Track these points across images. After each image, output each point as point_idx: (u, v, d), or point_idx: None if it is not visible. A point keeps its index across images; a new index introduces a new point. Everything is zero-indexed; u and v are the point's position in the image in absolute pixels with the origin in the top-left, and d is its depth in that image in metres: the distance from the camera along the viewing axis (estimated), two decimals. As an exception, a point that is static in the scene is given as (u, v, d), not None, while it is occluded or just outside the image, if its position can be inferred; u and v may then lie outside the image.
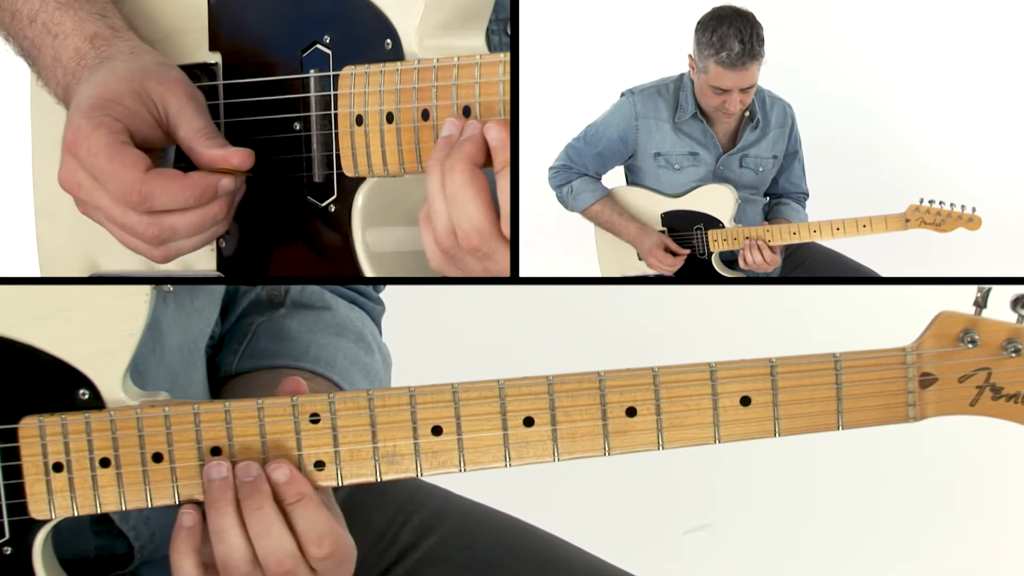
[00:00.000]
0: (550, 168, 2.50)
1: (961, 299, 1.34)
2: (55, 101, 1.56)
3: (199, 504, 1.34)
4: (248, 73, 1.53)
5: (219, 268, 1.59)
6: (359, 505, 1.75)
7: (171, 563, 1.35)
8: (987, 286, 1.32)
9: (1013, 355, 1.30)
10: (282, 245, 1.55)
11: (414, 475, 1.34)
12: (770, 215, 2.54)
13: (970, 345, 1.31)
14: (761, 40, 2.31)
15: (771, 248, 2.38)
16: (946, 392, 1.33)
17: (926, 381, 1.32)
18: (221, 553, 1.32)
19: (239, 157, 1.46)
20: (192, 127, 1.46)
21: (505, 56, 1.37)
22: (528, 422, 1.33)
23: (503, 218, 1.33)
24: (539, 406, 1.33)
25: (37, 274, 1.74)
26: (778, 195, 2.58)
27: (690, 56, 2.38)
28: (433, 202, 1.35)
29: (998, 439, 3.32)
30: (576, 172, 2.49)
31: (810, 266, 2.57)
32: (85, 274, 1.68)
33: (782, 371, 1.33)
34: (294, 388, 1.38)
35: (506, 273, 1.36)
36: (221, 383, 1.69)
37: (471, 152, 1.33)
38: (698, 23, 2.36)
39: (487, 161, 1.34)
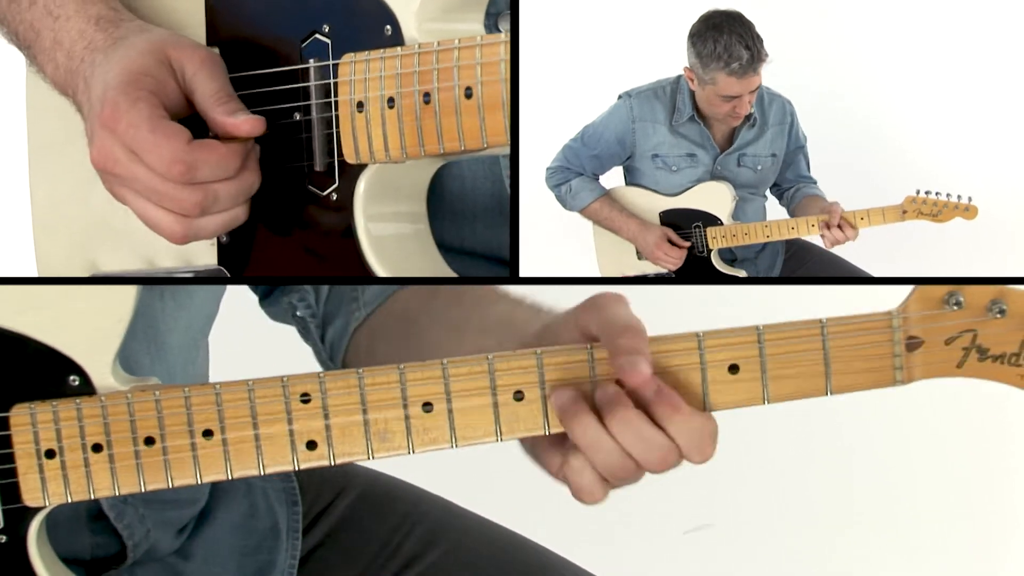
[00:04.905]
0: (547, 168, 2.50)
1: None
2: (50, 88, 1.56)
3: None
4: (248, 65, 1.54)
5: (220, 261, 1.59)
6: (361, 514, 1.75)
7: (571, 470, 1.33)
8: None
9: (998, 316, 1.30)
10: (284, 234, 1.55)
11: (406, 452, 1.34)
12: (795, 198, 2.53)
13: (955, 307, 1.30)
14: (761, 40, 2.30)
15: (851, 224, 2.35)
16: (933, 355, 1.32)
17: (912, 344, 1.31)
18: (602, 464, 1.31)
19: (249, 125, 1.46)
20: (205, 91, 1.47)
21: (506, 36, 1.38)
22: (518, 396, 1.33)
23: None
24: (529, 380, 1.33)
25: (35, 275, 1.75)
26: (789, 185, 2.57)
27: (687, 69, 2.38)
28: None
29: (1003, 440, 3.32)
30: (574, 172, 2.49)
31: (810, 268, 2.57)
32: (84, 276, 1.69)
33: (769, 338, 1.32)
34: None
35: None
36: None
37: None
38: (693, 35, 2.34)
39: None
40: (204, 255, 1.60)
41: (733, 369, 1.33)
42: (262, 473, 1.35)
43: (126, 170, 1.44)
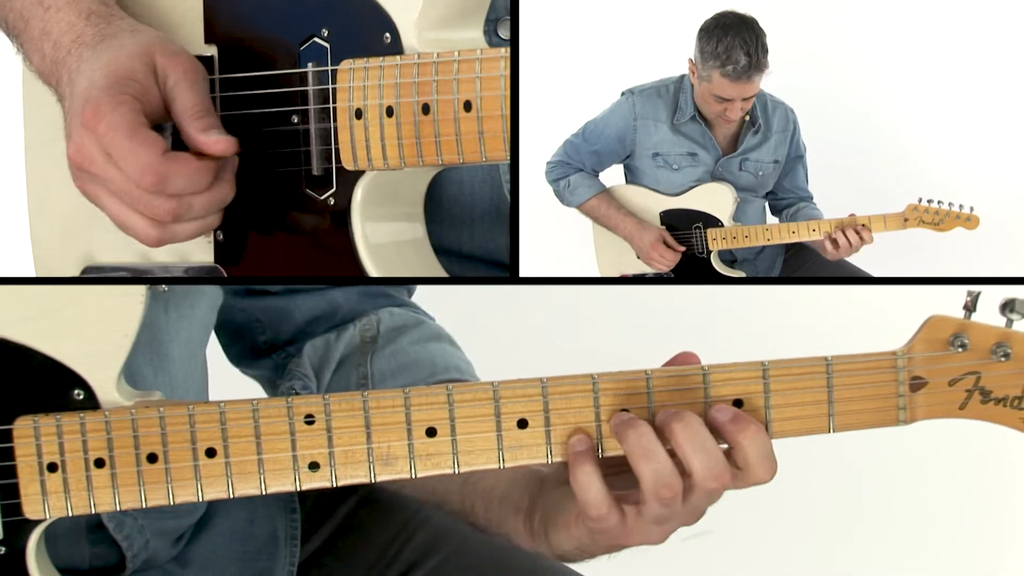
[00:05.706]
0: (547, 163, 2.49)
1: (956, 299, 1.34)
2: (34, 77, 1.55)
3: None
4: (245, 66, 1.53)
5: (217, 261, 1.59)
6: (362, 520, 1.76)
7: (577, 485, 1.33)
8: (977, 289, 1.32)
9: (1002, 359, 1.30)
10: (281, 238, 1.55)
11: (408, 476, 1.34)
12: (796, 218, 2.53)
13: (960, 349, 1.31)
14: (766, 50, 2.29)
15: (866, 227, 2.34)
16: (936, 396, 1.33)
17: (916, 384, 1.32)
18: (651, 475, 1.30)
19: (221, 146, 1.45)
20: (183, 104, 1.46)
21: (506, 51, 1.37)
22: (522, 424, 1.34)
23: None
24: (533, 408, 1.33)
25: (32, 271, 1.74)
26: (786, 198, 2.57)
27: (691, 61, 2.37)
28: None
29: (999, 450, 3.32)
30: (573, 168, 2.49)
31: (811, 269, 2.57)
32: (80, 268, 1.68)
33: (774, 374, 1.33)
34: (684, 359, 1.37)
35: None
36: None
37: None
38: (701, 29, 2.34)
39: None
40: (200, 252, 1.60)
41: (737, 404, 1.33)
42: (264, 492, 1.35)
43: (103, 170, 1.44)
